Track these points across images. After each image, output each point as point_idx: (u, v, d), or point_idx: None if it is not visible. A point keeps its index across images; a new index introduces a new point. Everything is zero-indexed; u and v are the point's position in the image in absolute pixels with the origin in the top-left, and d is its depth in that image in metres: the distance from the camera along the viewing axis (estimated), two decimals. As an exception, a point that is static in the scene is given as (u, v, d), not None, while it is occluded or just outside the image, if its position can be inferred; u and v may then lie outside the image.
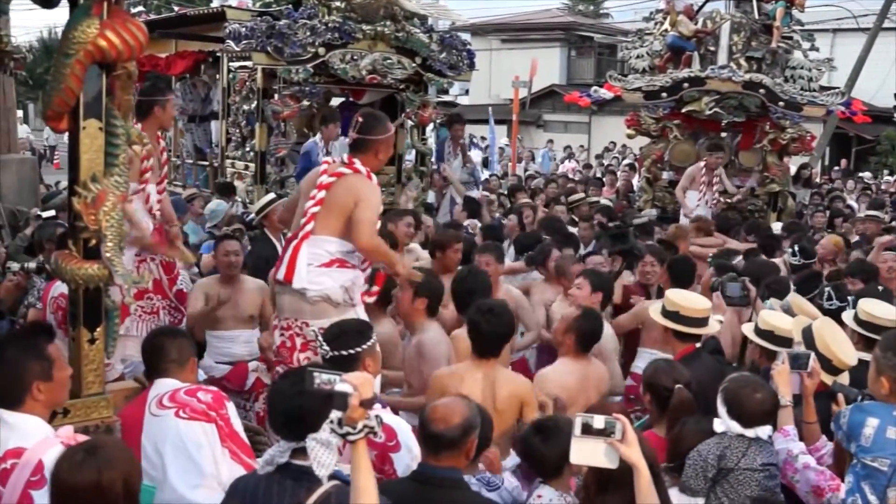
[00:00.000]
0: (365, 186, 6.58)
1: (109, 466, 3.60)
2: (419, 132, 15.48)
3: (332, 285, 6.53)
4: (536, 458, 5.03)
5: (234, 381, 8.30)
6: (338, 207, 6.51)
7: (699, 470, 4.96)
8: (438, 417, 4.43)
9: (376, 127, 6.74)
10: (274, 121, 13.47)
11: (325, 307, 6.53)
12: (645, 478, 4.05)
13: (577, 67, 52.53)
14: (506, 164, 30.31)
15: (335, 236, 6.56)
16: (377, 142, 6.68)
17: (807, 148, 17.41)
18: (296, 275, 6.51)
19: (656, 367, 5.89)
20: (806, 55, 16.89)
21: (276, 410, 4.17)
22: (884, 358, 4.91)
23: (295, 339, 6.65)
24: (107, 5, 5.20)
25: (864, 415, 4.86)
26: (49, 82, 5.32)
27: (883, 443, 4.74)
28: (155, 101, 8.05)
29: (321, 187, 6.57)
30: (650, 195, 16.89)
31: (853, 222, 15.86)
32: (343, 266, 6.59)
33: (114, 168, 5.48)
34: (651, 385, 5.77)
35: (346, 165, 6.61)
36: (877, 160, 39.84)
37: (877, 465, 4.72)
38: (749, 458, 4.92)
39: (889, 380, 4.85)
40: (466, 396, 4.94)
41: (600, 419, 4.03)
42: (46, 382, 4.49)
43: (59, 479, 3.62)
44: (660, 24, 17.24)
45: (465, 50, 14.59)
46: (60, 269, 5.49)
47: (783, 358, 5.54)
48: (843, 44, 39.83)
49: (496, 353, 6.35)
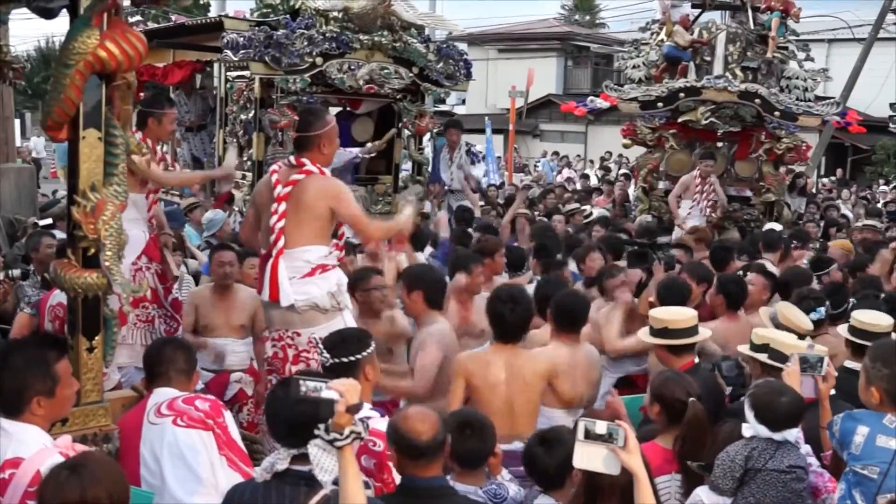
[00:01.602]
0: (329, 185, 6.61)
1: (95, 483, 3.60)
2: (416, 142, 15.49)
3: (318, 293, 6.55)
4: (539, 468, 5.03)
5: (215, 389, 8.15)
6: (308, 214, 6.51)
7: (727, 470, 4.97)
8: (413, 429, 4.38)
9: (314, 122, 6.73)
10: (271, 130, 13.44)
11: (314, 315, 6.56)
12: (645, 486, 4.08)
13: (573, 77, 52.65)
14: (502, 174, 30.31)
15: (310, 244, 6.56)
16: (318, 136, 6.64)
17: (802, 158, 17.46)
18: (281, 293, 6.51)
19: (666, 379, 5.84)
20: (801, 65, 16.92)
21: (277, 418, 4.19)
22: (874, 368, 4.92)
23: (287, 350, 6.67)
24: (107, 16, 5.24)
25: (854, 423, 4.87)
26: (49, 92, 5.34)
27: (873, 451, 4.74)
28: (150, 112, 8.06)
29: (280, 199, 6.53)
30: (646, 204, 16.91)
31: (849, 231, 15.91)
32: (325, 270, 6.61)
33: (113, 177, 5.51)
34: (661, 396, 5.71)
35: (297, 170, 6.57)
36: (872, 170, 39.91)
37: (867, 472, 4.71)
38: (777, 461, 4.91)
39: (879, 389, 4.86)
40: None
41: (602, 424, 4.06)
42: (48, 399, 4.46)
43: (45, 498, 3.63)
44: (656, 35, 17.27)
45: (462, 60, 14.58)
46: (59, 278, 5.52)
47: (794, 359, 5.58)
48: (838, 54, 40.00)
49: (518, 339, 6.56)
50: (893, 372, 4.84)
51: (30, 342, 4.75)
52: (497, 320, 6.52)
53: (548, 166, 35.98)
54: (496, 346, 6.55)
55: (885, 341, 5.61)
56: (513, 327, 6.50)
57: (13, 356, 4.49)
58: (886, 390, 4.85)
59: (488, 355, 6.53)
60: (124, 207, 5.70)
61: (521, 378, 6.38)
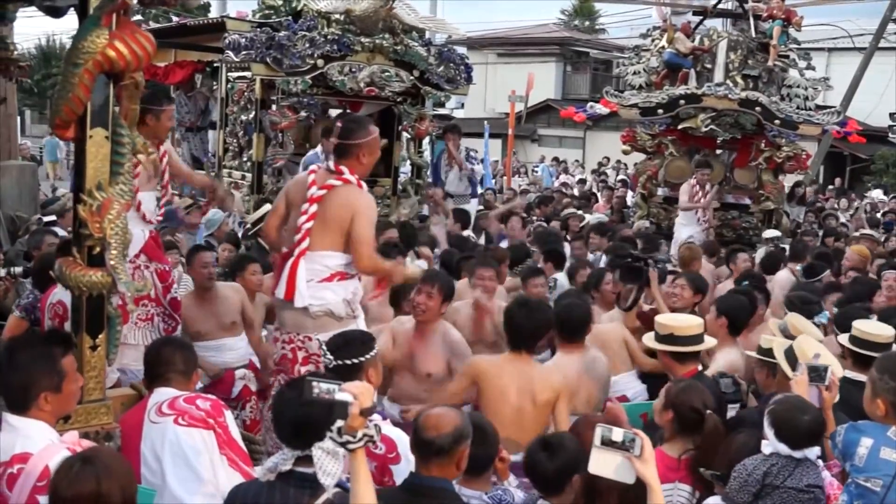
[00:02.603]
0: (359, 198, 6.50)
1: (108, 475, 3.63)
2: (416, 145, 15.51)
3: (334, 299, 6.48)
4: (540, 473, 5.01)
5: (222, 388, 8.21)
6: (334, 222, 6.43)
7: (744, 484, 4.91)
8: (431, 425, 4.43)
9: (357, 131, 6.60)
10: (271, 131, 13.48)
11: (328, 321, 6.47)
12: (658, 497, 4.07)
13: (572, 83, 52.59)
14: (500, 179, 30.32)
15: (333, 250, 6.48)
16: (359, 146, 6.53)
17: (802, 166, 17.49)
18: (297, 293, 6.45)
19: (684, 387, 5.79)
20: (802, 74, 16.98)
21: (283, 419, 4.20)
22: (880, 380, 4.91)
23: (297, 352, 6.61)
24: (116, 16, 5.26)
25: (858, 434, 4.86)
26: (57, 91, 5.37)
27: (876, 463, 4.74)
28: (149, 109, 8.00)
29: (312, 200, 6.46)
30: (645, 211, 16.94)
31: (847, 241, 15.92)
32: (343, 278, 6.53)
33: (119, 176, 5.52)
34: (677, 405, 5.65)
35: (334, 175, 6.50)
36: (871, 179, 39.90)
37: (870, 485, 4.70)
38: (795, 479, 4.86)
39: (885, 402, 4.84)
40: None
41: (619, 432, 4.05)
42: (55, 394, 4.49)
43: (59, 490, 3.64)
44: (656, 41, 17.32)
45: (463, 64, 14.59)
46: (64, 276, 5.52)
47: (802, 369, 5.58)
48: (838, 63, 40.01)
49: (530, 348, 6.56)
50: None
51: (35, 339, 4.77)
52: (511, 328, 6.56)
53: (546, 171, 35.94)
54: (510, 355, 6.57)
55: (892, 353, 5.62)
56: (524, 334, 6.52)
57: (19, 353, 4.52)
58: (893, 403, 4.84)
59: (501, 362, 6.56)
60: (129, 207, 5.71)
61: (531, 393, 6.38)
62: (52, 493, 3.68)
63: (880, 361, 5.17)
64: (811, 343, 6.14)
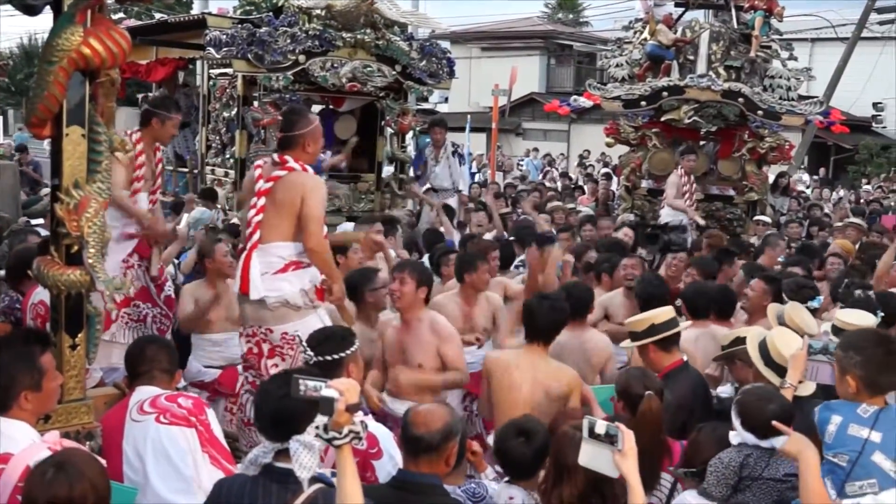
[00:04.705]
0: (307, 180, 6.64)
1: (80, 479, 3.62)
2: (399, 140, 15.50)
3: (290, 290, 6.59)
4: (515, 458, 5.05)
5: (227, 384, 8.22)
6: (284, 209, 6.55)
7: (721, 477, 4.90)
8: (420, 421, 4.45)
9: (298, 122, 6.80)
10: (254, 128, 13.42)
11: (286, 312, 6.61)
12: (637, 494, 4.05)
13: (556, 76, 52.64)
14: (485, 173, 30.31)
15: (286, 240, 6.61)
16: (303, 136, 6.71)
17: (785, 157, 17.48)
18: (251, 286, 6.56)
19: (629, 375, 5.86)
20: (784, 64, 16.95)
21: (263, 411, 4.20)
22: (846, 357, 4.89)
23: (262, 345, 6.72)
24: (90, 13, 5.24)
25: (829, 412, 4.85)
26: (33, 89, 5.34)
27: (844, 439, 4.73)
28: (155, 113, 8.10)
29: (260, 194, 6.62)
30: (629, 203, 16.91)
31: (832, 230, 15.95)
32: (299, 267, 6.65)
33: (96, 174, 5.49)
34: (624, 392, 5.71)
35: (279, 166, 6.64)
36: (855, 169, 40.05)
37: (837, 460, 4.70)
38: (773, 469, 4.88)
39: (854, 377, 4.83)
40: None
41: (602, 424, 4.05)
42: (35, 392, 4.51)
43: (32, 496, 3.64)
44: (639, 33, 17.27)
45: (446, 58, 14.59)
46: (42, 275, 5.50)
47: (803, 344, 5.61)
48: (821, 53, 40.11)
49: (547, 341, 6.63)
50: (867, 356, 4.83)
51: (13, 339, 4.76)
52: (528, 319, 6.64)
53: (532, 165, 35.91)
54: (526, 347, 6.65)
55: (853, 331, 5.66)
56: (542, 325, 6.59)
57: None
58: (861, 376, 4.82)
59: (513, 357, 6.64)
60: (107, 205, 5.69)
61: (544, 385, 6.43)
62: (26, 498, 3.67)
63: (844, 339, 5.21)
64: (786, 337, 6.17)
